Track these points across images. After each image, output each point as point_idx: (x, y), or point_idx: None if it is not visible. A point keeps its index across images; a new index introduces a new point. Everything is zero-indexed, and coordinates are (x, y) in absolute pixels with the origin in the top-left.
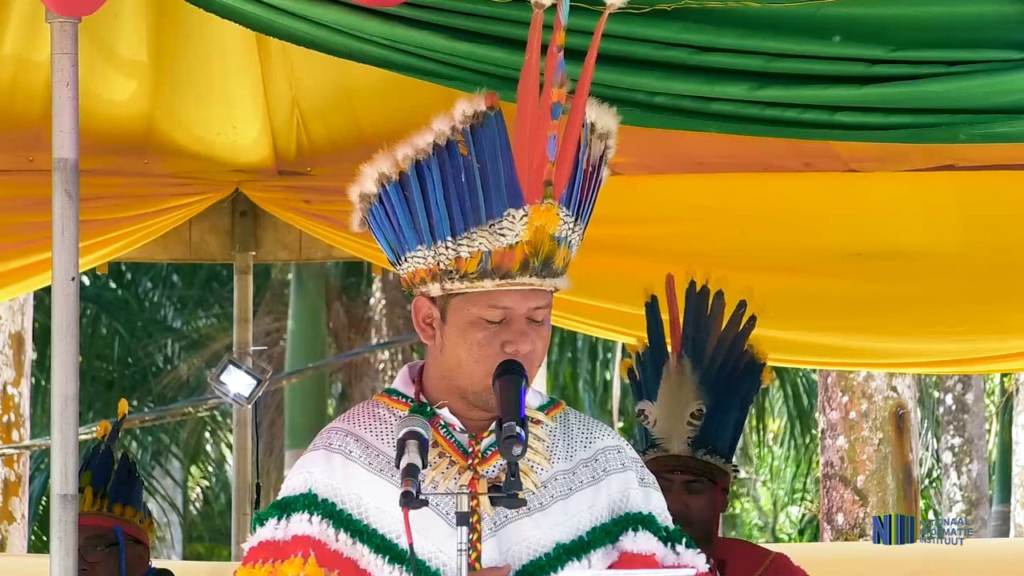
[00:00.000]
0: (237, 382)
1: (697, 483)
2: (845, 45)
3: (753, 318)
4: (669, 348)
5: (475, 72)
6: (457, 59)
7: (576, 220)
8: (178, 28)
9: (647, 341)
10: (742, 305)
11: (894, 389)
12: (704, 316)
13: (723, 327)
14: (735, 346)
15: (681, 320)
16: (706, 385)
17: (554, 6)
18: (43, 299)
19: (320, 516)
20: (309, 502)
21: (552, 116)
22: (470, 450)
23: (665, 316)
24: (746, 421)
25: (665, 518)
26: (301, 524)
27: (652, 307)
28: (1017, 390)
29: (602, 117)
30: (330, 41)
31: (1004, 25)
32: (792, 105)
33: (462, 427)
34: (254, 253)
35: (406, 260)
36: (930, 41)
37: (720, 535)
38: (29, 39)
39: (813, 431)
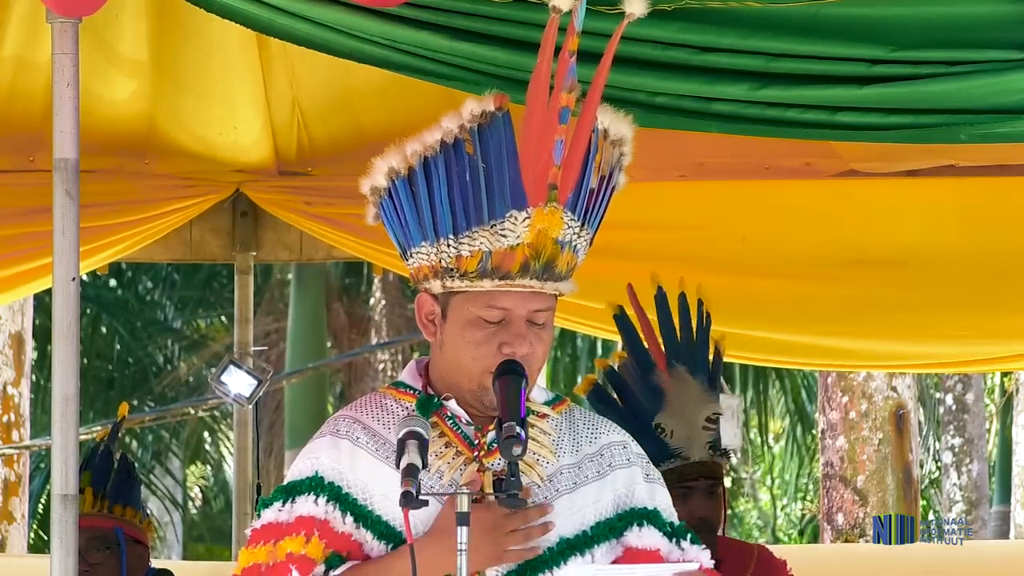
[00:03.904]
0: (238, 382)
1: (716, 486)
2: (846, 45)
3: (709, 315)
4: (654, 359)
5: (475, 72)
6: (457, 59)
7: (583, 225)
8: (179, 28)
9: (624, 354)
10: (700, 305)
11: (894, 389)
12: (672, 319)
13: (695, 330)
14: (707, 344)
15: (657, 326)
16: (707, 389)
17: (568, 11)
18: (43, 299)
19: (326, 498)
20: (315, 484)
21: (560, 120)
22: (476, 442)
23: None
24: (747, 421)
25: (670, 514)
26: (306, 505)
27: (622, 318)
28: (1017, 390)
29: (616, 124)
30: (330, 41)
31: (1004, 25)
32: (793, 105)
33: (468, 419)
34: (255, 253)
35: (411, 256)
36: (931, 41)
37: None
38: (29, 39)
39: (813, 431)
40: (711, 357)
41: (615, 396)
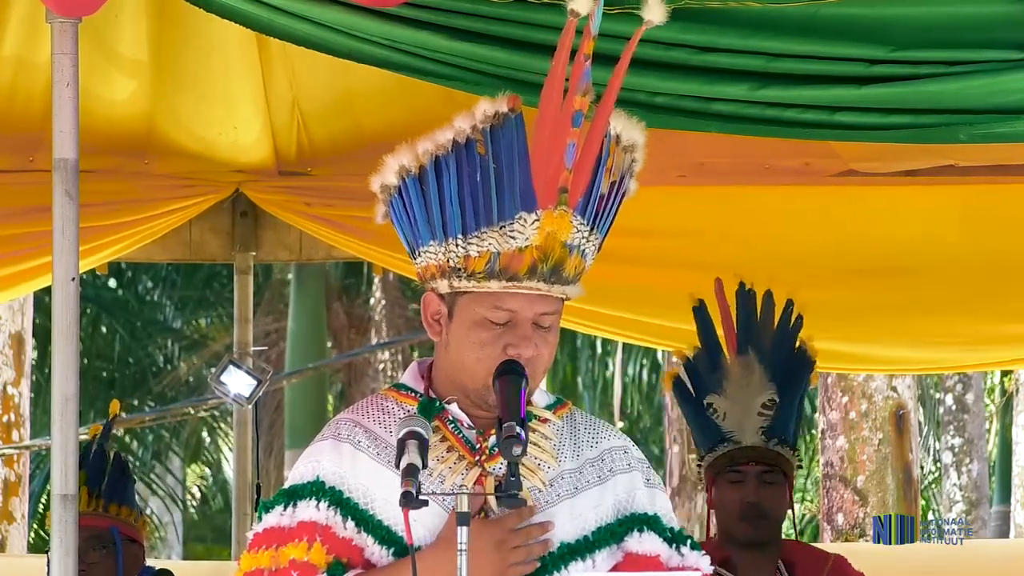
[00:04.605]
0: (237, 382)
1: (771, 474)
2: (845, 45)
3: (800, 316)
4: (724, 348)
5: (475, 72)
6: (457, 59)
7: (592, 230)
8: (178, 28)
9: (699, 344)
10: (790, 304)
11: (894, 389)
12: (755, 315)
13: (776, 324)
14: (790, 342)
15: (735, 320)
16: (770, 378)
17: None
18: (43, 299)
19: (327, 503)
20: (316, 489)
21: (573, 124)
22: (478, 446)
23: (716, 319)
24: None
25: (670, 519)
26: (308, 510)
27: (701, 311)
28: (1017, 390)
29: (628, 130)
30: (330, 41)
31: (1004, 25)
32: (792, 105)
33: (470, 423)
34: (254, 253)
35: (419, 255)
36: (930, 41)
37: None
38: (29, 39)
39: (813, 431)
40: (793, 354)
41: (690, 387)
